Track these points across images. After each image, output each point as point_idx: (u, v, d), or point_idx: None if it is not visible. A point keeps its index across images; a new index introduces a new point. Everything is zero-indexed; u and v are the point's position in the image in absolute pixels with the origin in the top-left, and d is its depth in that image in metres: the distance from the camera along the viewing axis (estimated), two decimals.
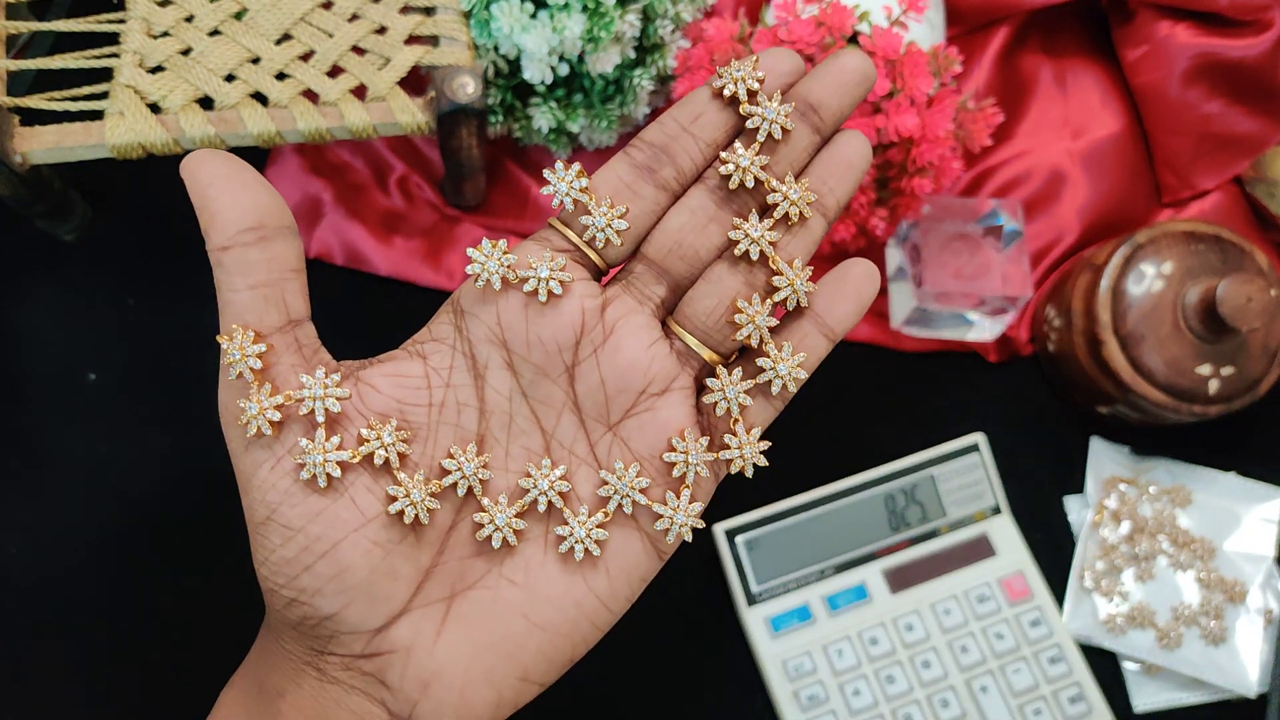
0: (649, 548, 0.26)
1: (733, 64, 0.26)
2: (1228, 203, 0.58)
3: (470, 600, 0.25)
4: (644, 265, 0.27)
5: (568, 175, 0.26)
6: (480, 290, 0.26)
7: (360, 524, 0.24)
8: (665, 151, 0.27)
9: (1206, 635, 0.50)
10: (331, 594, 0.24)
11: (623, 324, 0.26)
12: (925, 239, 0.52)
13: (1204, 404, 0.49)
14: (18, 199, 0.47)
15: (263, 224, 0.24)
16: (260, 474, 0.24)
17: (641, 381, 0.26)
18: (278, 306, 0.24)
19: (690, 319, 0.27)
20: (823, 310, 0.27)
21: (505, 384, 0.26)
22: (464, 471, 0.25)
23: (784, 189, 0.26)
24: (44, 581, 0.47)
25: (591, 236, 0.26)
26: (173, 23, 0.46)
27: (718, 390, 0.26)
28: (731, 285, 0.27)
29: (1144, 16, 0.57)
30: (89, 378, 0.50)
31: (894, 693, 0.47)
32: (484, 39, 0.48)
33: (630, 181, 0.27)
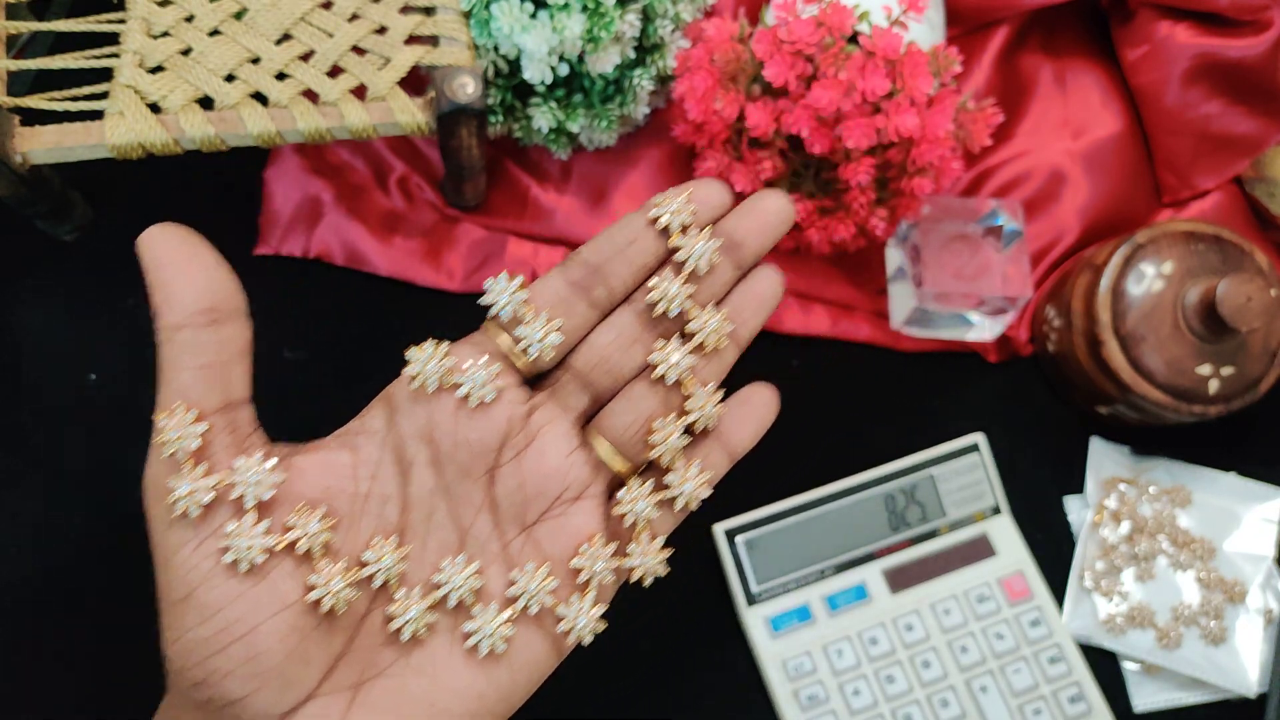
0: (550, 646, 0.27)
1: (669, 196, 0.29)
2: (1228, 203, 0.58)
3: (377, 689, 0.26)
4: (570, 376, 0.29)
5: (509, 287, 0.27)
6: (416, 390, 0.27)
7: (279, 609, 0.24)
8: (599, 272, 0.29)
9: (1206, 635, 0.50)
10: (243, 677, 0.24)
11: (545, 431, 0.28)
12: (925, 239, 0.52)
13: (1204, 404, 0.49)
14: (18, 199, 0.47)
15: (217, 306, 0.25)
16: (182, 554, 0.24)
17: (558, 487, 0.28)
18: (221, 388, 0.25)
19: (608, 431, 0.29)
20: (727, 432, 0.30)
21: (428, 480, 0.27)
22: (384, 564, 0.26)
23: (705, 319, 0.29)
24: (44, 581, 0.47)
25: (526, 346, 0.28)
26: (173, 23, 0.46)
27: (627, 502, 0.28)
28: (649, 405, 0.29)
29: (1144, 16, 0.57)
30: (89, 378, 0.50)
31: (894, 693, 0.47)
32: (484, 39, 0.48)
33: (565, 297, 0.28)
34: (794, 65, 0.45)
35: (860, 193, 0.49)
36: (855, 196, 0.49)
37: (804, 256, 0.55)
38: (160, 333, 0.25)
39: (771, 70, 0.45)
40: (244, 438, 0.25)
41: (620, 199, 0.55)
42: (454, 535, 0.27)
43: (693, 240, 0.28)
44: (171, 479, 0.24)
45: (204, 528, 0.24)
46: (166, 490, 0.24)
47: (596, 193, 0.56)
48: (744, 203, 0.29)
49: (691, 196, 0.29)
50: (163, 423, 0.24)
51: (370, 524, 0.26)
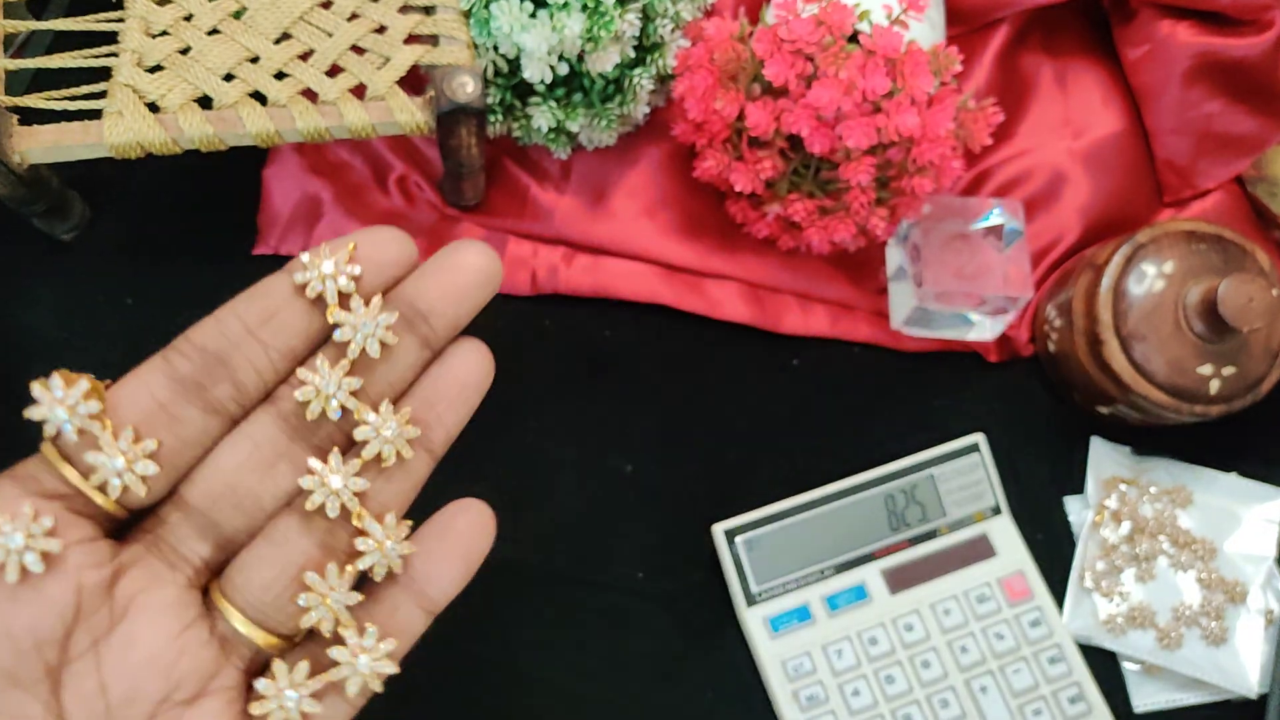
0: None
1: (321, 252, 0.21)
2: (1229, 202, 0.58)
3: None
4: (182, 515, 0.21)
5: (70, 394, 0.20)
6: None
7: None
8: (222, 362, 0.21)
9: (1207, 635, 0.50)
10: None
11: (141, 602, 0.20)
12: (925, 239, 0.52)
13: (1205, 404, 0.49)
14: (16, 199, 0.47)
15: None
16: None
17: (162, 686, 0.19)
18: None
19: (242, 591, 0.21)
20: (421, 576, 0.22)
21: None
22: None
23: (376, 423, 0.21)
24: None
25: (103, 481, 0.20)
26: (171, 22, 0.46)
27: (272, 697, 0.20)
28: (300, 549, 0.21)
29: (1145, 16, 0.57)
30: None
31: (893, 693, 0.47)
32: (483, 38, 0.48)
33: (167, 401, 0.21)
34: (794, 64, 0.45)
35: (860, 192, 0.48)
36: (855, 196, 0.49)
37: (804, 256, 0.55)
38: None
39: (771, 69, 0.45)
40: None
41: (620, 199, 0.55)
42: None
43: (358, 314, 0.21)
44: None
45: None
46: None
47: (596, 192, 0.55)
48: (432, 259, 0.22)
49: (355, 253, 0.21)
50: None
51: None
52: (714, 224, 0.55)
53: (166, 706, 0.19)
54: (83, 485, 0.20)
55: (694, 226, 0.55)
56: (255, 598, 0.21)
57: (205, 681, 0.20)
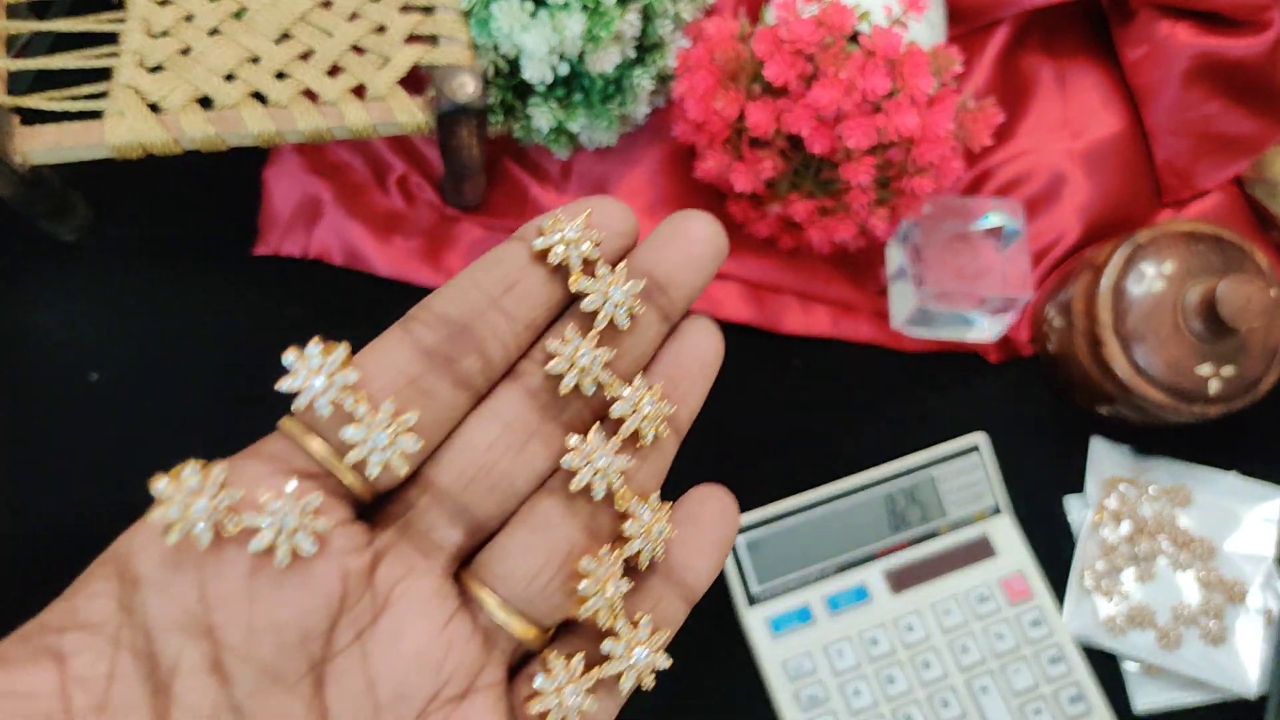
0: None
1: (560, 217, 0.19)
2: (1228, 203, 0.58)
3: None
4: (431, 498, 0.19)
5: (328, 361, 0.18)
6: (173, 548, 0.16)
7: None
8: (467, 333, 0.19)
9: (1206, 635, 0.50)
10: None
11: (402, 592, 0.18)
12: (926, 239, 0.52)
13: (1204, 404, 0.49)
14: (18, 199, 0.47)
15: None
16: None
17: (432, 683, 0.18)
18: None
19: (504, 580, 0.19)
20: (680, 564, 0.20)
21: (206, 699, 0.16)
22: None
23: (634, 398, 0.19)
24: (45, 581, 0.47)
25: (363, 458, 0.18)
26: (172, 22, 0.46)
27: (550, 694, 0.19)
28: (566, 534, 0.19)
29: (1144, 16, 0.57)
30: (90, 378, 0.50)
31: (894, 693, 0.47)
32: (484, 38, 0.48)
33: (418, 375, 0.19)
34: (794, 64, 0.45)
35: (861, 192, 0.48)
36: (856, 196, 0.49)
37: (805, 256, 0.55)
38: None
39: (772, 69, 0.45)
40: None
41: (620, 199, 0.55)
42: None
43: (605, 280, 0.19)
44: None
45: None
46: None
47: (596, 192, 0.55)
48: (661, 228, 0.21)
49: (591, 218, 0.20)
50: None
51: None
52: None
53: (436, 704, 0.18)
54: (335, 464, 0.18)
55: None
56: (520, 587, 0.19)
57: (473, 677, 0.18)
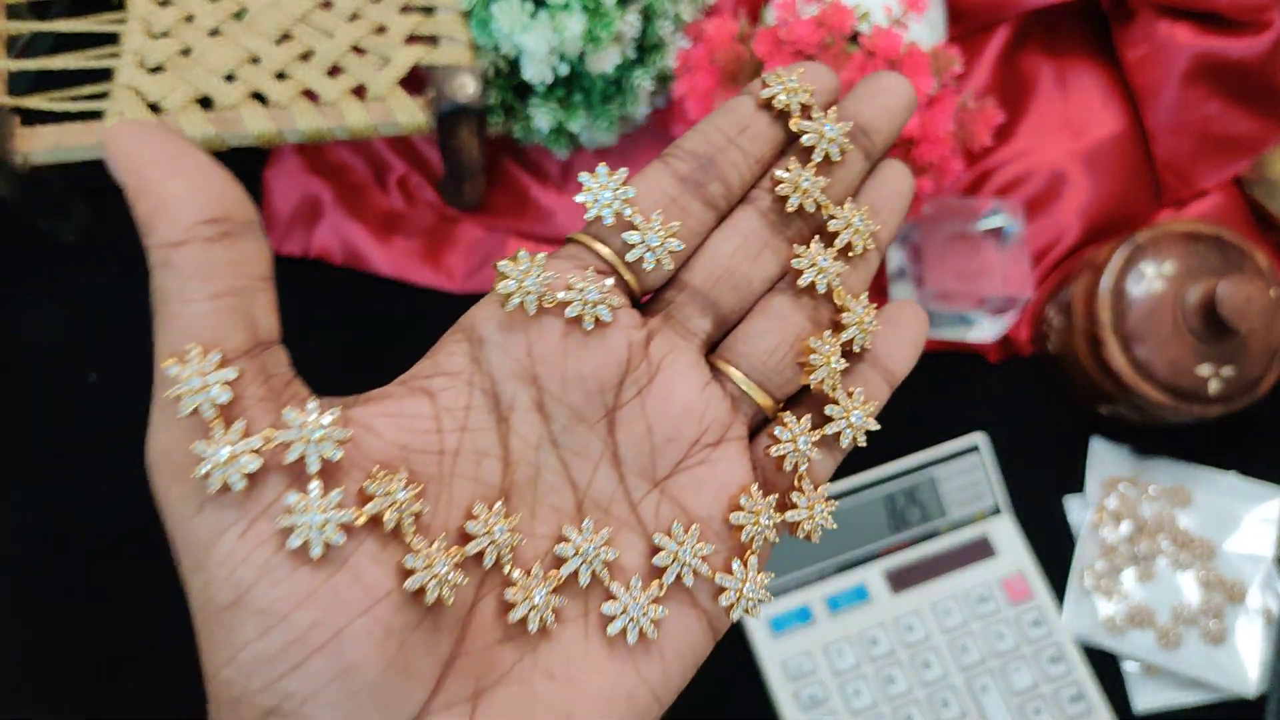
0: (706, 625, 0.22)
1: (779, 72, 0.24)
2: (1228, 203, 0.58)
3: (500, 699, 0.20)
4: (687, 295, 0.23)
5: (612, 181, 0.22)
6: (508, 315, 0.21)
7: (368, 605, 0.18)
8: (712, 165, 0.23)
9: (1206, 635, 0.50)
10: (331, 700, 0.18)
11: (670, 362, 0.23)
12: (926, 239, 0.52)
13: (1204, 404, 0.49)
14: (19, 199, 0.47)
15: (227, 216, 0.19)
16: (224, 544, 0.18)
17: (695, 430, 0.22)
18: (244, 323, 0.19)
19: (746, 358, 0.23)
20: (884, 354, 0.25)
21: (534, 430, 0.22)
22: (494, 537, 0.20)
23: (848, 215, 0.24)
24: (45, 581, 0.47)
25: (638, 258, 0.22)
26: (172, 23, 0.46)
27: (788, 441, 0.23)
28: (795, 322, 0.23)
29: (1144, 16, 0.57)
30: (90, 378, 0.50)
31: (894, 693, 0.47)
32: (484, 38, 0.48)
33: (676, 195, 0.23)
34: None
35: None
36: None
37: None
38: (154, 255, 0.18)
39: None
40: (281, 387, 0.19)
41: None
42: (570, 497, 0.22)
43: (820, 121, 0.23)
44: (198, 445, 0.18)
45: (251, 506, 0.18)
46: (192, 461, 0.18)
47: None
48: (860, 85, 0.25)
49: (804, 74, 0.24)
50: (174, 370, 0.18)
51: (466, 489, 0.21)
52: None
53: (697, 448, 0.22)
54: (618, 263, 0.23)
55: None
56: (759, 363, 0.23)
57: (724, 430, 0.23)
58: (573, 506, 0.22)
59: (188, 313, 0.19)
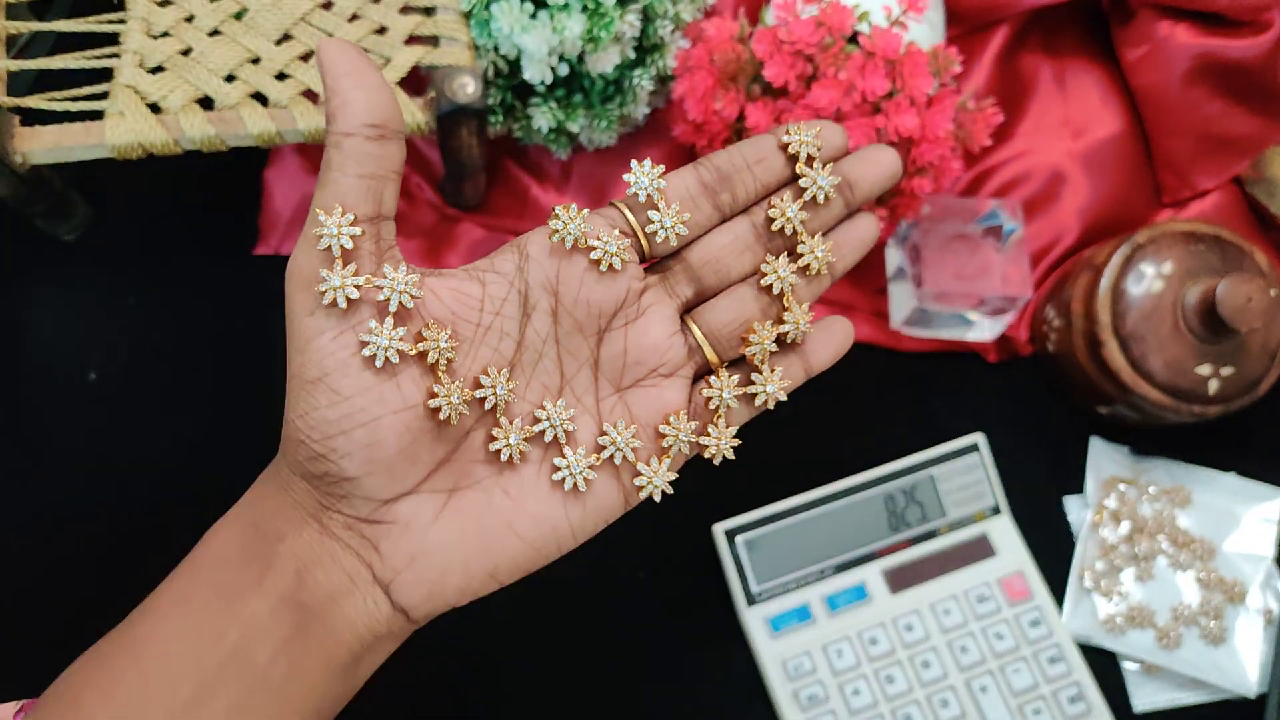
0: (622, 496, 0.31)
1: (801, 127, 0.31)
2: (1228, 203, 0.58)
3: (467, 498, 0.29)
4: (682, 267, 0.31)
5: (652, 172, 0.30)
6: (553, 245, 0.29)
7: (401, 408, 0.27)
8: (728, 180, 0.31)
9: (1206, 635, 0.50)
10: (359, 460, 0.27)
11: (654, 309, 0.30)
12: (925, 239, 0.52)
13: (1204, 404, 0.49)
14: (18, 199, 0.47)
15: (384, 124, 0.27)
16: (322, 340, 0.26)
17: (655, 361, 0.30)
18: (374, 199, 0.27)
19: (707, 323, 0.31)
20: (810, 351, 0.32)
21: (545, 327, 0.29)
22: (495, 392, 0.28)
23: (813, 245, 0.31)
24: (46, 579, 0.47)
25: (654, 230, 0.30)
26: (173, 23, 0.46)
27: (716, 389, 0.31)
28: (750, 308, 0.31)
29: (1144, 16, 0.57)
30: (90, 377, 0.50)
31: (894, 692, 0.47)
32: (484, 39, 0.48)
33: (695, 195, 0.31)
34: (794, 65, 0.45)
35: None
36: None
37: None
38: (330, 137, 0.26)
39: (771, 70, 0.45)
40: (385, 249, 0.27)
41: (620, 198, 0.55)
42: (557, 380, 0.30)
43: (816, 172, 0.31)
44: (323, 271, 0.26)
45: (345, 321, 0.26)
46: (317, 279, 0.26)
47: (596, 193, 0.56)
48: (861, 151, 0.33)
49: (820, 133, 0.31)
50: (323, 219, 0.26)
51: (487, 353, 0.29)
52: None
53: (654, 375, 0.31)
54: (638, 229, 0.30)
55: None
56: (717, 329, 0.31)
57: (676, 368, 0.31)
58: (556, 388, 0.30)
59: (341, 182, 0.26)
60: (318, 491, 0.28)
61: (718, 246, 0.31)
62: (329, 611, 0.27)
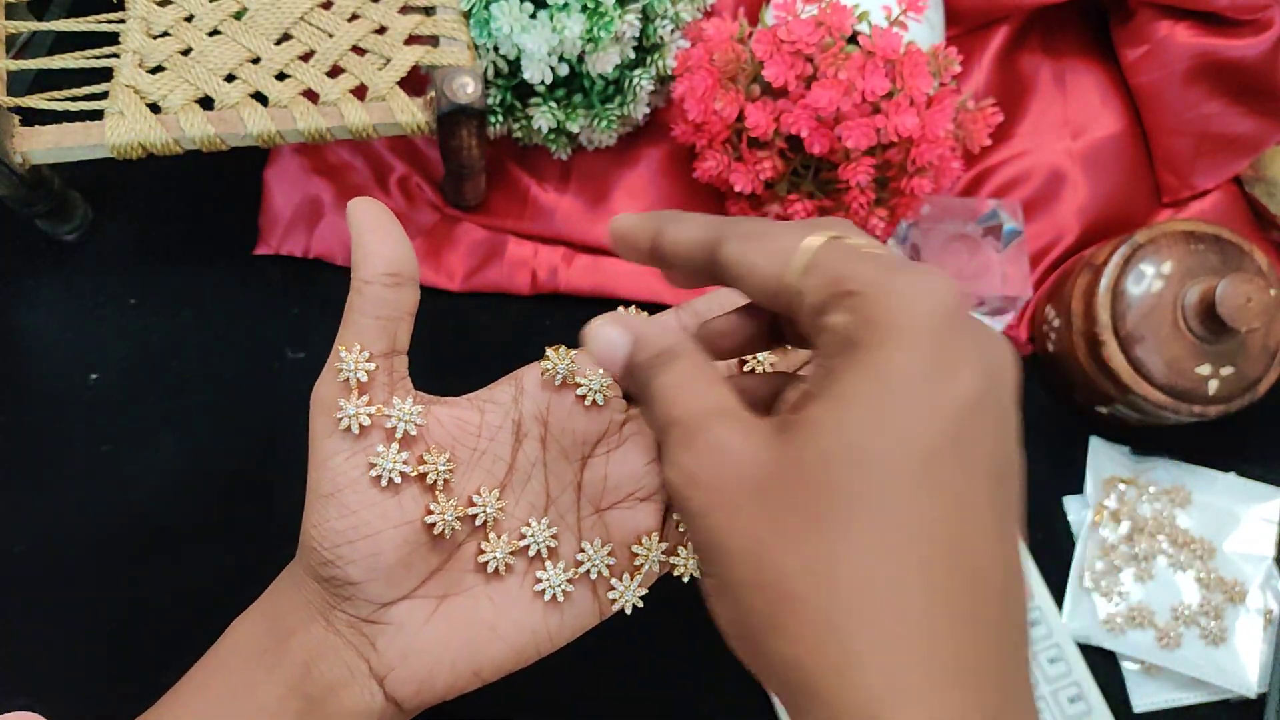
0: (597, 608, 0.33)
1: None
2: (1227, 202, 0.58)
3: (457, 604, 0.31)
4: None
5: (566, 356, 0.32)
6: (544, 380, 0.32)
7: (401, 523, 0.30)
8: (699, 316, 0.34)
9: (1206, 635, 0.50)
10: (362, 567, 0.30)
11: (634, 440, 0.33)
12: (925, 239, 0.52)
13: (1203, 404, 0.49)
14: (18, 199, 0.47)
15: (400, 273, 0.30)
16: (336, 460, 0.29)
17: (633, 486, 0.33)
18: (389, 338, 0.30)
19: None
20: None
21: (535, 453, 0.32)
22: (486, 511, 0.31)
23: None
24: (46, 580, 0.47)
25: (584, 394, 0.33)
26: (172, 22, 0.46)
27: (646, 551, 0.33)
28: None
29: (1143, 16, 0.57)
30: (90, 378, 0.50)
31: None
32: (484, 39, 0.48)
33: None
34: (794, 65, 0.45)
35: (860, 193, 0.49)
36: (855, 196, 0.49)
37: None
38: (353, 283, 0.30)
39: (771, 70, 0.45)
40: (398, 381, 0.31)
41: (620, 199, 0.56)
42: (542, 500, 0.32)
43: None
44: (342, 399, 0.29)
45: (358, 444, 0.30)
46: (335, 407, 0.29)
47: (596, 193, 0.56)
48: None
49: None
50: (344, 355, 0.29)
51: (481, 474, 0.32)
52: None
53: (630, 498, 0.33)
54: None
55: None
56: None
57: (651, 493, 0.33)
58: (542, 506, 0.33)
59: (360, 322, 0.30)
60: (326, 592, 0.30)
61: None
62: (330, 701, 0.30)
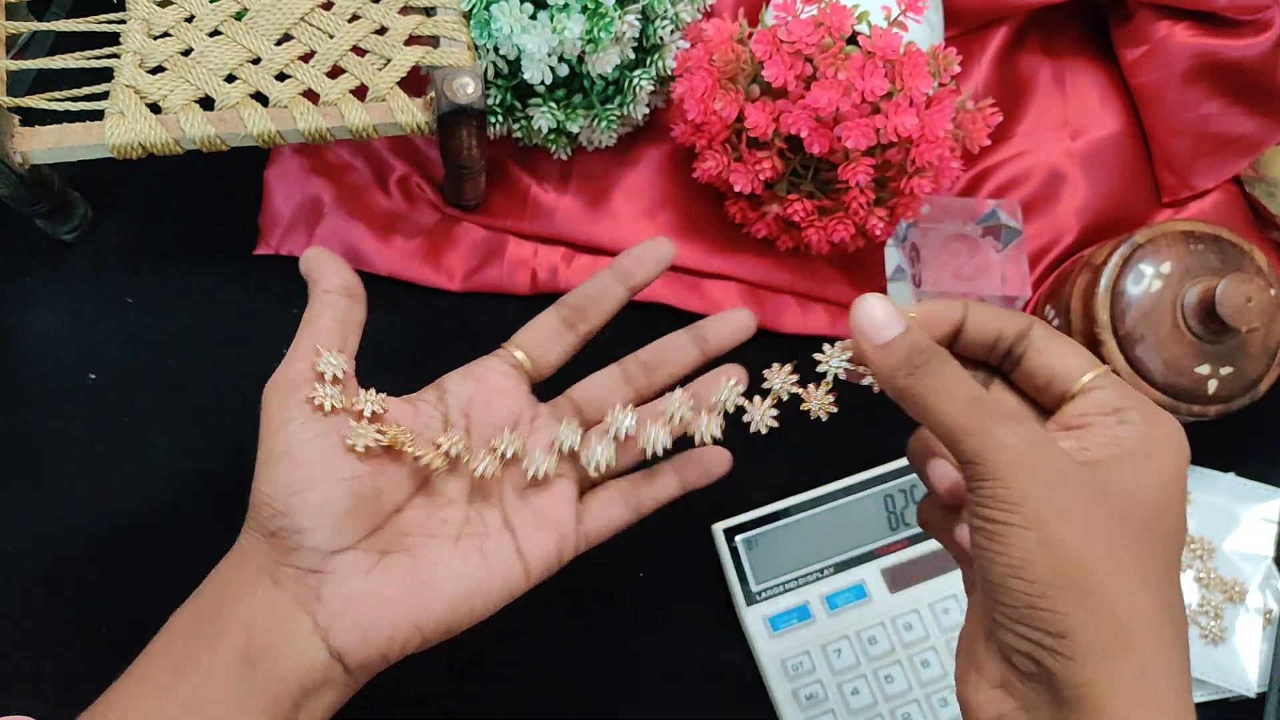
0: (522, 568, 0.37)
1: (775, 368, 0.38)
2: (1227, 202, 0.58)
3: (395, 560, 0.35)
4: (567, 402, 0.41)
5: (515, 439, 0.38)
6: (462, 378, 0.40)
7: (350, 478, 0.34)
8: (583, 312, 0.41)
9: (1206, 635, 0.50)
10: (312, 515, 0.33)
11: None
12: (924, 239, 0.53)
13: (1203, 404, 0.49)
14: (18, 199, 0.47)
15: (352, 288, 0.37)
16: (292, 426, 0.34)
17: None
18: (342, 339, 0.36)
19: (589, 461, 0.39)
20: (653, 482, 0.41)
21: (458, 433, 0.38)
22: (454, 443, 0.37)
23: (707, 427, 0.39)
24: (44, 580, 0.47)
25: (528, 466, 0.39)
26: (173, 23, 0.46)
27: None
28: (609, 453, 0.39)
29: (1143, 16, 0.57)
30: (89, 377, 0.50)
31: (893, 692, 0.47)
32: (484, 39, 0.48)
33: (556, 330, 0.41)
34: (793, 65, 0.45)
35: (859, 193, 0.49)
36: (854, 196, 0.49)
37: (804, 256, 0.55)
38: (314, 293, 0.36)
39: (771, 71, 0.45)
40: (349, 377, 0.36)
41: (620, 199, 0.56)
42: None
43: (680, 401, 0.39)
44: (317, 385, 0.35)
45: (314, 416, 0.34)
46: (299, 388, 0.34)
47: (596, 193, 0.56)
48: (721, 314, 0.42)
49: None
50: (326, 355, 0.35)
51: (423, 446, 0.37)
52: (713, 224, 0.55)
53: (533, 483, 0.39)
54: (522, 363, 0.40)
55: (693, 227, 0.55)
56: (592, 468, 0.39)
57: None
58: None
59: (320, 323, 0.36)
60: (274, 548, 0.33)
61: (595, 387, 0.40)
62: (273, 659, 0.32)
